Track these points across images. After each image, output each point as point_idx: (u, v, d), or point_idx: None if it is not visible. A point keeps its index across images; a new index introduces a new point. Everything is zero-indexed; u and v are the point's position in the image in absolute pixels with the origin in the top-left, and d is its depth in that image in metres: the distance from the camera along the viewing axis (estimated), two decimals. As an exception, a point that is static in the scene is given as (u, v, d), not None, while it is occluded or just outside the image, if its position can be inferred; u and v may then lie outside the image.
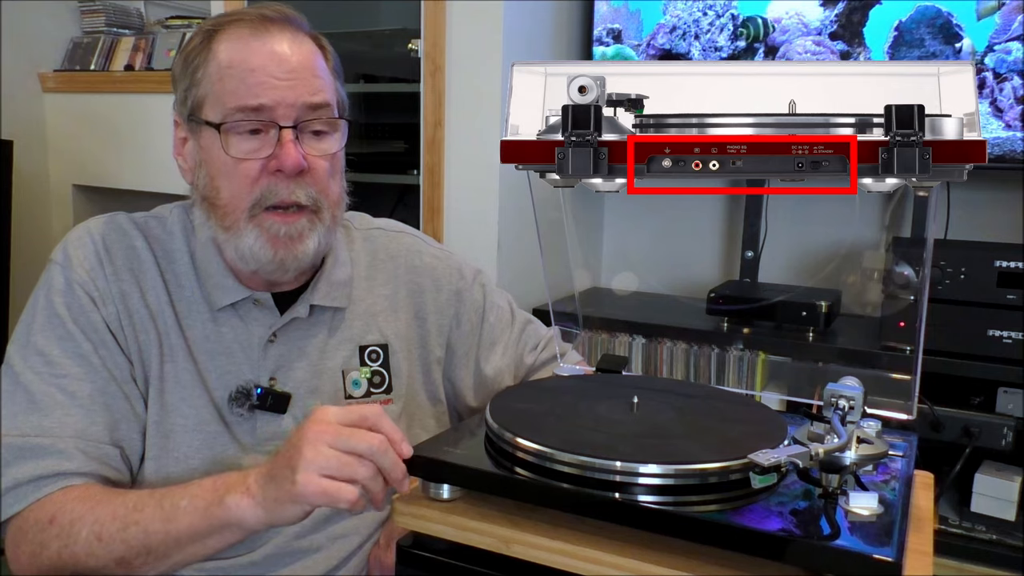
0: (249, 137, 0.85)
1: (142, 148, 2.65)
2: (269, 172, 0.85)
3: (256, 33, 0.86)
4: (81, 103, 2.76)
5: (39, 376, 0.85)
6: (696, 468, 0.66)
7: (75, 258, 0.90)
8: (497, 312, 1.07)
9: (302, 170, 0.86)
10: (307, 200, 0.87)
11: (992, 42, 1.71)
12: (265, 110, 0.84)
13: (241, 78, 0.84)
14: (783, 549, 0.59)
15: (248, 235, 0.86)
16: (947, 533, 1.64)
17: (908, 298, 1.66)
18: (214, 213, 0.88)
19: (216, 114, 0.86)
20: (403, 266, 1.04)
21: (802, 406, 0.80)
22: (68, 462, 0.82)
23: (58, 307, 0.87)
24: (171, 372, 0.90)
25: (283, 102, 0.85)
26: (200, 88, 0.87)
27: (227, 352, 0.91)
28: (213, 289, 0.92)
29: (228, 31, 0.87)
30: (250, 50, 0.85)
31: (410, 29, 2.01)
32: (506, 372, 1.06)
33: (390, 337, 1.00)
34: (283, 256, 0.87)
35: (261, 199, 0.86)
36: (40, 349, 0.86)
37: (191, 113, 0.89)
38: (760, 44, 1.90)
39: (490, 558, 0.68)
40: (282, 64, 0.85)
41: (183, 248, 0.94)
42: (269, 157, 0.85)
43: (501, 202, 1.93)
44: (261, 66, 0.84)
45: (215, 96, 0.86)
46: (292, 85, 0.85)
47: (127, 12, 2.90)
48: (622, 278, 2.35)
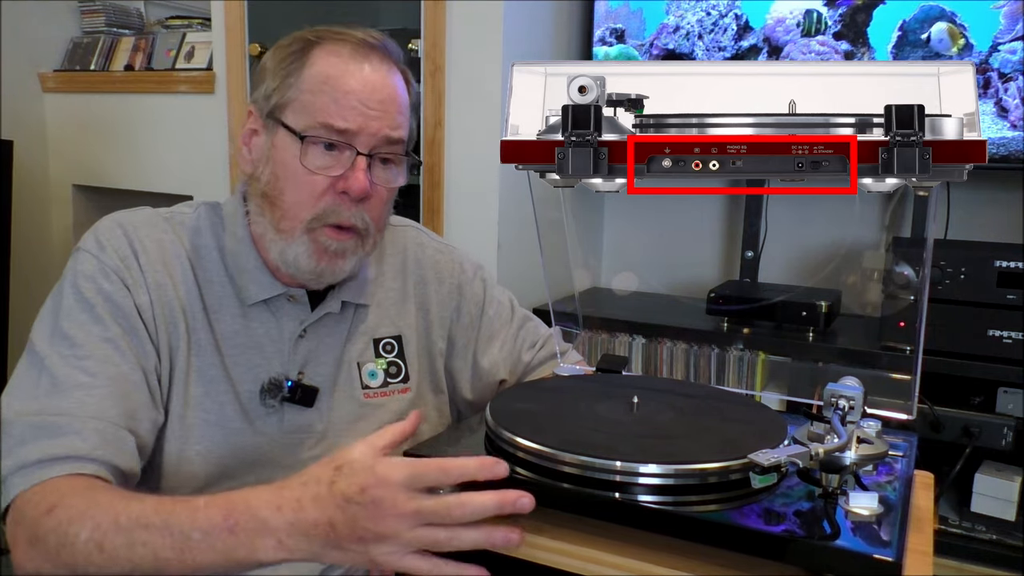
0: (324, 153, 0.88)
1: (142, 148, 2.65)
2: (335, 191, 0.88)
3: (355, 57, 0.89)
4: (81, 103, 2.76)
5: (63, 359, 0.84)
6: (696, 468, 0.66)
7: (108, 246, 0.89)
8: (497, 307, 1.09)
9: (366, 197, 0.88)
10: (362, 225, 0.90)
11: (996, 42, 1.71)
12: (348, 134, 0.87)
13: (334, 97, 0.87)
14: (783, 549, 0.59)
15: (299, 244, 0.89)
16: (947, 533, 1.64)
17: (908, 298, 1.66)
18: (271, 212, 0.90)
19: (300, 122, 0.88)
20: (410, 259, 1.06)
21: (802, 406, 0.80)
22: (83, 443, 0.80)
23: (88, 292, 0.87)
24: (197, 366, 0.90)
25: (366, 130, 0.88)
26: (289, 91, 0.89)
27: (257, 347, 0.93)
28: (248, 284, 0.93)
29: (329, 46, 0.89)
30: (347, 72, 0.88)
31: (410, 29, 2.01)
32: (502, 366, 1.07)
33: (403, 328, 1.02)
34: (323, 269, 0.90)
35: (323, 215, 0.88)
36: (66, 333, 0.85)
37: (272, 111, 0.90)
38: (763, 44, 1.89)
39: (490, 558, 0.68)
40: (374, 94, 0.88)
41: (211, 244, 0.94)
42: (339, 177, 0.87)
43: (501, 202, 1.93)
44: (355, 91, 0.87)
45: (303, 105, 0.88)
46: (378, 116, 0.88)
47: (127, 12, 2.90)
48: (622, 278, 2.35)
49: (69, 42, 2.87)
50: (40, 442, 0.80)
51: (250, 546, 0.70)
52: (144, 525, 0.74)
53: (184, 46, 2.66)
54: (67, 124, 2.81)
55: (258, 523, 0.70)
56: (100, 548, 0.74)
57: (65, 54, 2.85)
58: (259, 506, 0.71)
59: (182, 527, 0.73)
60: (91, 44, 2.81)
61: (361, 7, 2.21)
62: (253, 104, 0.93)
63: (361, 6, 2.21)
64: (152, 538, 0.73)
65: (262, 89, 0.91)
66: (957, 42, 1.77)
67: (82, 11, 2.87)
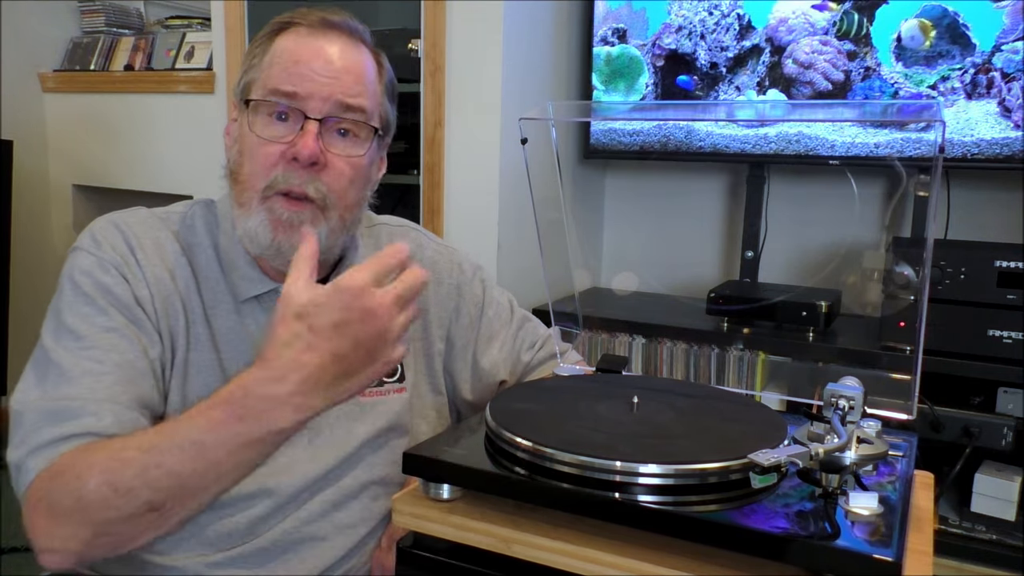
0: (276, 122, 0.88)
1: (142, 148, 2.65)
2: (287, 159, 0.87)
3: (314, 33, 0.89)
4: (81, 103, 2.77)
5: (69, 351, 0.83)
6: (696, 468, 0.66)
7: (105, 243, 0.90)
8: (496, 307, 1.09)
9: (316, 162, 0.87)
10: (315, 194, 0.88)
11: (999, 42, 1.71)
12: (297, 98, 0.87)
13: (284, 66, 0.88)
14: (783, 549, 0.59)
15: (256, 215, 0.88)
16: (947, 533, 1.64)
17: (908, 298, 1.66)
18: (236, 187, 0.91)
19: (256, 95, 0.89)
20: None
21: (802, 406, 0.80)
22: (99, 422, 0.79)
23: (87, 286, 0.87)
24: (195, 361, 0.90)
25: (316, 95, 0.87)
26: (252, 72, 0.90)
27: (252, 343, 0.92)
28: (239, 280, 0.93)
29: (293, 27, 0.90)
30: (303, 45, 0.89)
31: (410, 29, 2.01)
32: (502, 366, 1.07)
33: None
34: (281, 241, 0.88)
35: (274, 183, 0.88)
36: (70, 327, 0.85)
37: (241, 94, 0.92)
38: (848, 40, 1.88)
39: (490, 558, 0.68)
40: (327, 64, 0.88)
41: (206, 242, 0.94)
42: (290, 144, 0.87)
43: (501, 202, 1.93)
44: (306, 60, 0.88)
45: (261, 81, 0.89)
46: (330, 82, 0.87)
47: (127, 12, 2.90)
48: (622, 278, 2.36)
49: (69, 42, 2.87)
50: (54, 425, 0.78)
51: (266, 424, 0.71)
52: (150, 449, 0.73)
53: (184, 46, 2.66)
54: (67, 124, 2.81)
55: (265, 402, 0.71)
56: (114, 488, 0.72)
57: (65, 54, 2.85)
58: (257, 386, 0.72)
59: (190, 437, 0.72)
60: (91, 44, 2.81)
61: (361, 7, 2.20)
62: (233, 95, 0.94)
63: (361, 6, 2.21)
64: (164, 459, 0.72)
65: (238, 79, 0.93)
66: (929, 35, 1.77)
67: (82, 11, 2.87)
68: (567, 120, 1.97)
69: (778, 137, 1.93)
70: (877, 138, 1.83)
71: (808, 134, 1.89)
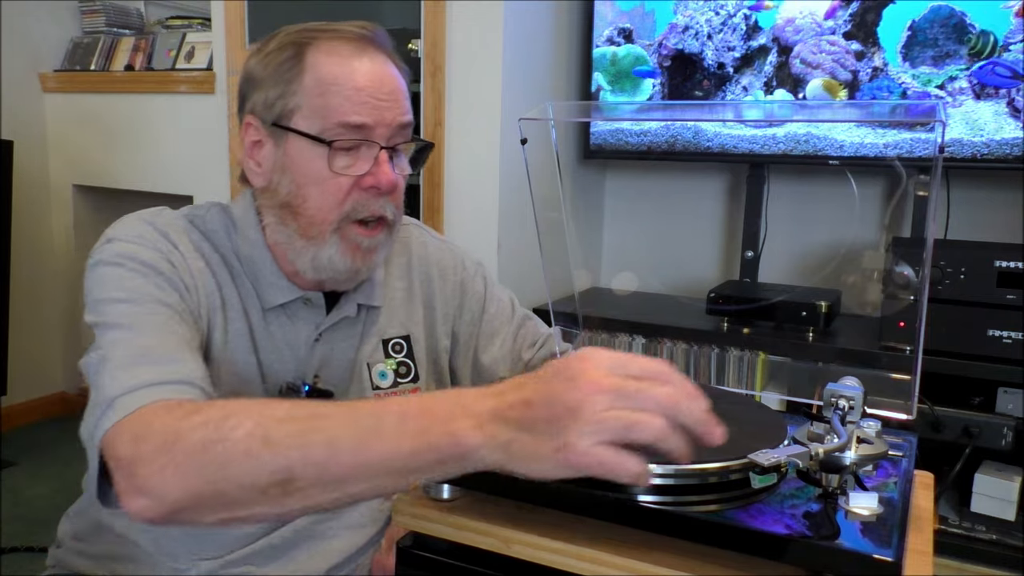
0: (344, 153, 0.87)
1: (142, 148, 2.65)
2: (361, 188, 0.87)
3: (356, 53, 0.87)
4: (81, 103, 2.77)
5: (132, 314, 0.79)
6: (696, 468, 0.66)
7: (144, 233, 0.87)
8: (498, 304, 1.10)
9: (394, 189, 0.89)
10: (391, 216, 0.90)
11: (1007, 42, 1.71)
12: (365, 129, 0.86)
13: (345, 96, 0.85)
14: (783, 549, 0.59)
15: (331, 245, 0.88)
16: (947, 533, 1.64)
17: (908, 298, 1.66)
18: (295, 220, 0.88)
19: (314, 127, 0.86)
20: (414, 258, 1.06)
21: (802, 406, 0.80)
22: (196, 369, 0.75)
23: (133, 264, 0.83)
24: (229, 358, 0.89)
25: (382, 122, 0.87)
26: (294, 98, 0.87)
27: (276, 350, 0.92)
28: (267, 288, 0.92)
29: (324, 45, 0.87)
30: (352, 69, 0.87)
31: (410, 29, 2.01)
32: (502, 363, 1.07)
33: (411, 328, 1.03)
34: (359, 266, 0.89)
35: (351, 213, 0.87)
36: (121, 298, 0.81)
37: (277, 119, 0.88)
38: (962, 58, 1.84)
39: (490, 558, 0.68)
40: (382, 86, 0.87)
41: (227, 246, 0.93)
42: (364, 174, 0.87)
43: (501, 202, 1.93)
44: (364, 87, 0.86)
45: (314, 109, 0.86)
46: (389, 106, 0.88)
47: (127, 12, 2.90)
48: (622, 278, 2.36)
49: (69, 42, 2.87)
50: (149, 366, 0.73)
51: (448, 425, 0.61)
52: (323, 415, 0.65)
53: (184, 46, 2.67)
54: (67, 124, 2.81)
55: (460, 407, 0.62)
56: (266, 440, 0.64)
57: (65, 54, 2.85)
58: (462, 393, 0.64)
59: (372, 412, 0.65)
60: (91, 44, 2.81)
61: (361, 7, 2.21)
62: (251, 115, 0.89)
63: (361, 6, 2.21)
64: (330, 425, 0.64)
65: (258, 98, 0.88)
66: (837, 94, 1.82)
67: (82, 11, 2.87)
68: (567, 120, 1.97)
69: (787, 137, 1.93)
70: (886, 139, 1.83)
71: (817, 134, 1.89)
